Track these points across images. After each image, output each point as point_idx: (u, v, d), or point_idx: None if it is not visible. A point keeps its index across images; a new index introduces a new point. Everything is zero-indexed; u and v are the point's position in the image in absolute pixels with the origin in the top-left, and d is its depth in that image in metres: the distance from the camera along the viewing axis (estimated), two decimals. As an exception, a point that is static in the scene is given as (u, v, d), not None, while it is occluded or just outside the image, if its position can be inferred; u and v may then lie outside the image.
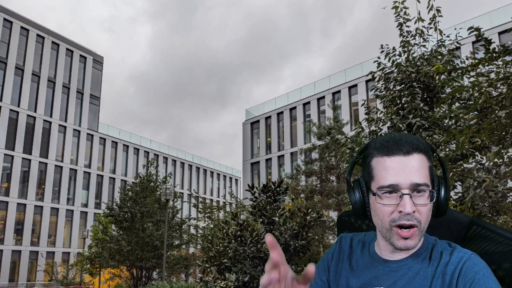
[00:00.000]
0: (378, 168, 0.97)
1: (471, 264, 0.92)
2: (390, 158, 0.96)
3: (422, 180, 0.94)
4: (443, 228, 1.11)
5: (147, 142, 51.55)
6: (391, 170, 0.95)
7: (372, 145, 1.00)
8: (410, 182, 0.93)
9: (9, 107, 36.89)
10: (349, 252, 1.10)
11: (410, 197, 0.93)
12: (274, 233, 8.68)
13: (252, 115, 39.99)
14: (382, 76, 7.74)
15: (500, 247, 1.03)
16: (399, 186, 0.94)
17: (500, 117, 4.06)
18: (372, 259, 1.04)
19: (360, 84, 32.17)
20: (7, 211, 36.06)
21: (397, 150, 0.95)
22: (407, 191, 0.93)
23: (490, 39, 4.35)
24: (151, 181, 23.79)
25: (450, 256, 0.95)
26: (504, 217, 6.36)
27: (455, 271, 0.92)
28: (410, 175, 0.93)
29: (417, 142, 0.96)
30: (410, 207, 0.92)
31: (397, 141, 0.97)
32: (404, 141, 0.96)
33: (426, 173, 0.95)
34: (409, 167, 0.94)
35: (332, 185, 18.57)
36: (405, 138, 0.97)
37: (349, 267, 1.08)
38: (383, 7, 7.72)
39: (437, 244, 1.00)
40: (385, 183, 0.95)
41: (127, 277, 23.01)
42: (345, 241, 1.13)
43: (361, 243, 1.10)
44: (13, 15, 38.40)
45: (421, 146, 0.96)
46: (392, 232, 0.95)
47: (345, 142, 7.67)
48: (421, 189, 0.94)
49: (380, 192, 0.96)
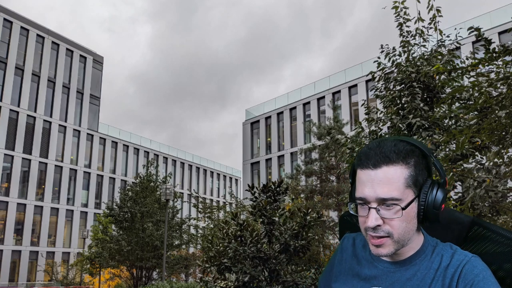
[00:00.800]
0: (357, 179, 0.99)
1: (471, 267, 0.92)
2: (362, 171, 0.96)
3: (389, 194, 0.92)
4: (444, 229, 1.11)
5: (147, 142, 51.57)
6: (361, 183, 0.96)
7: (357, 154, 1.02)
8: (376, 196, 0.93)
9: (9, 107, 36.89)
10: (351, 251, 1.12)
11: (377, 210, 0.94)
12: (274, 233, 8.69)
13: (252, 115, 39.99)
14: (382, 76, 7.73)
15: (501, 247, 1.03)
16: (366, 199, 0.95)
17: (500, 117, 4.06)
18: (372, 260, 1.05)
19: (360, 84, 32.17)
20: (7, 211, 36.05)
21: (366, 163, 0.95)
22: (374, 204, 0.94)
23: (490, 39, 4.35)
24: (151, 181, 23.79)
25: (451, 259, 0.96)
26: (504, 217, 6.36)
27: (455, 274, 0.93)
28: (376, 189, 0.93)
29: (389, 153, 0.94)
30: (373, 221, 0.93)
31: (368, 153, 0.96)
32: (374, 153, 0.95)
33: (399, 185, 0.93)
34: (376, 181, 0.93)
35: (332, 185, 18.56)
36: (377, 150, 0.96)
37: (351, 267, 1.09)
38: (383, 7, 7.72)
39: (438, 247, 1.01)
40: (357, 195, 0.97)
41: (127, 277, 23.01)
42: (348, 241, 1.15)
43: (363, 243, 1.11)
44: (13, 15, 38.40)
45: (393, 157, 0.94)
46: (367, 238, 0.98)
47: (345, 142, 7.67)
48: (388, 203, 0.93)
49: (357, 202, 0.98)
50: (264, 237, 8.73)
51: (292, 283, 8.21)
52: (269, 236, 8.72)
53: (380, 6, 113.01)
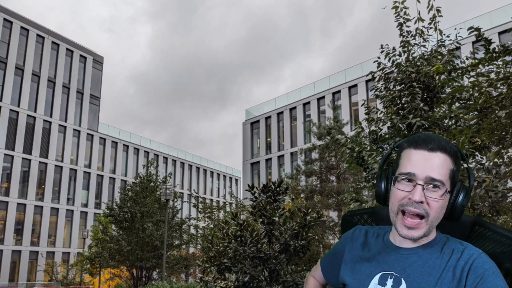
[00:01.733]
0: (404, 158, 1.06)
1: (481, 262, 0.96)
2: (416, 151, 1.04)
3: (438, 176, 1.00)
4: (446, 228, 1.12)
5: (147, 142, 51.57)
6: (413, 161, 1.03)
7: (407, 139, 1.09)
8: (426, 175, 1.00)
9: (9, 107, 36.89)
10: (364, 240, 1.16)
11: (423, 188, 1.00)
12: (274, 233, 8.69)
13: (252, 115, 39.99)
14: (382, 76, 7.73)
15: (502, 247, 1.05)
16: (415, 176, 1.01)
17: (500, 117, 4.06)
18: (385, 246, 1.09)
19: (360, 84, 32.17)
20: (7, 211, 36.05)
21: (424, 145, 1.03)
22: (421, 182, 1.00)
23: (490, 39, 4.35)
24: (151, 181, 23.79)
25: (462, 253, 1.00)
26: (504, 217, 6.36)
27: (465, 266, 0.97)
28: (428, 169, 1.00)
29: (445, 143, 1.03)
30: (419, 196, 0.99)
31: (426, 138, 1.05)
32: (433, 139, 1.04)
33: (445, 172, 1.01)
34: (429, 162, 1.01)
35: (332, 185, 18.56)
36: (435, 138, 1.05)
37: (362, 254, 1.13)
38: (383, 7, 7.72)
39: (449, 242, 1.05)
40: (405, 170, 1.03)
41: (127, 277, 23.01)
42: (360, 231, 1.19)
43: (376, 234, 1.15)
44: (13, 15, 38.40)
45: (448, 148, 1.03)
46: (398, 217, 1.02)
47: (345, 142, 7.67)
48: (436, 184, 1.00)
49: (399, 178, 1.03)
50: (264, 237, 8.73)
51: (292, 283, 8.21)
52: (269, 236, 8.72)
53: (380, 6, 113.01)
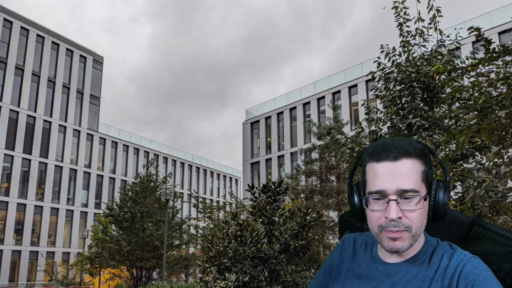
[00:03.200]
0: (369, 174, 0.98)
1: (472, 267, 0.92)
2: (379, 164, 0.96)
3: (409, 186, 0.93)
4: (444, 229, 1.11)
5: (147, 142, 51.56)
6: (379, 176, 0.95)
7: (366, 150, 1.01)
8: (397, 188, 0.93)
9: (9, 107, 36.88)
10: (352, 252, 1.11)
11: (397, 203, 0.93)
12: (274, 233, 8.69)
13: (252, 115, 39.99)
14: (382, 76, 7.74)
15: (501, 247, 1.03)
16: (385, 192, 0.94)
17: (500, 117, 4.06)
18: (373, 261, 1.05)
19: (360, 84, 32.17)
20: (7, 211, 36.05)
21: (385, 156, 0.96)
22: (394, 196, 0.93)
23: (490, 39, 4.35)
24: (151, 181, 23.79)
25: (450, 259, 0.95)
26: (504, 217, 6.36)
27: (455, 274, 0.92)
28: (397, 181, 0.94)
29: (407, 146, 0.96)
30: (395, 213, 0.93)
31: (386, 147, 0.97)
32: (393, 146, 0.96)
33: (416, 178, 0.95)
34: (396, 172, 0.94)
35: (332, 185, 18.56)
36: (395, 143, 0.97)
37: (350, 269, 1.09)
38: (383, 7, 7.73)
39: (438, 247, 1.00)
40: (373, 188, 0.96)
41: (127, 277, 23.01)
42: (348, 242, 1.14)
43: (364, 244, 1.11)
44: (13, 15, 38.40)
45: (412, 151, 0.96)
46: (381, 236, 0.96)
47: (345, 142, 7.67)
48: (408, 195, 0.93)
49: (370, 197, 0.97)
50: (264, 237, 8.73)
51: (292, 283, 8.21)
52: (269, 236, 8.72)
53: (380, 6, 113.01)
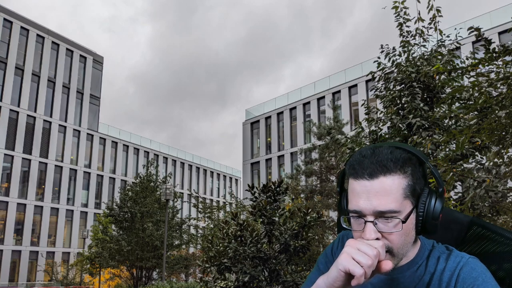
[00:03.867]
0: (349, 189, 0.92)
1: (469, 269, 0.89)
2: (357, 181, 0.89)
3: (387, 206, 0.86)
4: (443, 229, 1.10)
5: (147, 142, 51.57)
6: (356, 194, 0.89)
7: (348, 162, 0.94)
8: (373, 209, 0.86)
9: (9, 107, 36.88)
10: None
11: (374, 224, 0.87)
12: (274, 233, 8.69)
13: (252, 115, 39.98)
14: (382, 76, 7.74)
15: (500, 247, 1.02)
16: (362, 212, 0.88)
17: (500, 117, 4.06)
18: None
19: (360, 84, 32.17)
20: (7, 211, 36.05)
21: (362, 173, 0.88)
22: (371, 218, 0.87)
23: (490, 39, 4.35)
24: (151, 181, 23.80)
25: (447, 262, 0.93)
26: (504, 217, 6.36)
27: (452, 278, 0.90)
28: (373, 201, 0.86)
29: (386, 162, 0.88)
30: (372, 235, 0.86)
31: (363, 163, 0.89)
32: (370, 162, 0.88)
33: (396, 196, 0.87)
34: (372, 192, 0.87)
35: (332, 185, 18.56)
36: (374, 157, 0.89)
37: None
38: (383, 7, 7.73)
39: (434, 249, 0.97)
40: (351, 207, 0.90)
41: (127, 277, 23.01)
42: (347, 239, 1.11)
43: None
44: (13, 15, 38.40)
45: (391, 166, 0.87)
46: None
47: (345, 142, 7.67)
48: (386, 216, 0.86)
49: (350, 215, 0.91)
50: (264, 237, 8.73)
51: (292, 283, 8.21)
52: (269, 236, 8.72)
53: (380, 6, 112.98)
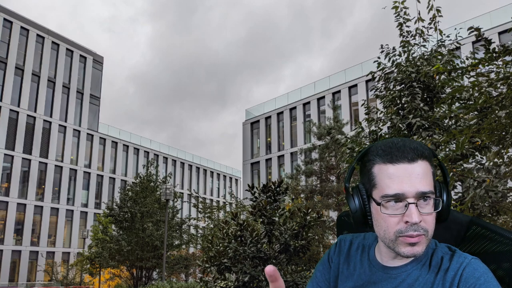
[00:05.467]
0: (381, 176, 0.93)
1: (472, 270, 0.90)
2: (394, 165, 0.91)
3: (427, 188, 0.90)
4: (443, 228, 1.10)
5: (147, 142, 51.57)
6: (396, 178, 0.91)
7: (374, 151, 0.96)
8: (416, 190, 0.90)
9: (9, 107, 36.89)
10: (347, 255, 1.09)
11: (416, 206, 0.90)
12: (274, 233, 8.69)
13: (252, 115, 39.99)
14: (382, 76, 7.74)
15: (500, 246, 1.02)
16: (404, 195, 0.90)
17: (500, 117, 4.06)
18: (371, 265, 1.02)
19: (360, 84, 32.17)
20: (7, 211, 36.06)
21: (402, 157, 0.91)
22: (413, 200, 0.90)
23: (490, 39, 4.35)
24: (151, 181, 23.80)
25: (450, 262, 0.93)
26: (504, 217, 6.36)
27: (455, 277, 0.90)
28: (416, 183, 0.90)
29: (421, 148, 0.93)
30: (417, 216, 0.89)
31: (401, 148, 0.93)
32: (409, 147, 0.92)
33: (431, 180, 0.92)
34: (414, 175, 0.90)
35: (332, 185, 18.57)
36: (409, 144, 0.93)
37: (347, 272, 1.06)
38: (383, 7, 7.73)
39: (437, 249, 0.98)
40: (390, 192, 0.91)
41: (127, 277, 23.02)
42: (344, 244, 1.11)
43: (361, 247, 1.08)
44: (13, 15, 38.40)
45: (426, 153, 0.93)
46: (397, 242, 0.92)
47: (345, 142, 7.67)
48: (426, 197, 0.90)
49: (385, 201, 0.92)
50: (264, 237, 8.73)
51: (292, 283, 8.21)
52: (269, 236, 8.72)
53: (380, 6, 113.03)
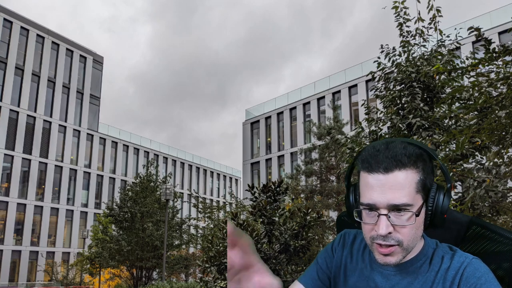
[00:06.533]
0: (362, 183, 0.93)
1: (473, 269, 0.90)
2: (370, 175, 0.91)
3: (401, 200, 0.88)
4: (442, 228, 1.09)
5: (147, 142, 51.57)
6: (370, 188, 0.90)
7: (360, 155, 0.95)
8: (387, 202, 0.88)
9: (9, 107, 36.89)
10: (351, 250, 1.09)
11: (388, 217, 0.89)
12: (274, 233, 8.69)
13: (252, 115, 39.99)
14: (382, 76, 7.74)
15: (500, 246, 1.02)
16: (375, 205, 0.89)
17: (500, 117, 4.06)
18: (372, 262, 1.03)
19: (360, 84, 32.18)
20: (7, 211, 36.06)
21: (376, 166, 0.90)
22: (385, 211, 0.89)
23: (490, 39, 4.35)
24: (151, 181, 23.80)
25: (451, 261, 0.93)
26: (504, 217, 6.36)
27: (456, 276, 0.91)
28: (388, 195, 0.88)
29: (400, 157, 0.89)
30: (384, 229, 0.88)
31: (376, 156, 0.90)
32: (385, 156, 0.90)
33: (410, 190, 0.89)
34: (387, 186, 0.88)
35: (332, 185, 18.56)
36: (387, 153, 0.90)
37: (351, 266, 1.07)
38: (383, 7, 7.73)
39: (438, 249, 0.98)
40: (364, 200, 0.91)
41: (127, 277, 23.01)
42: (348, 237, 1.11)
43: (363, 243, 1.08)
44: (13, 15, 38.40)
45: (405, 161, 0.89)
46: (373, 247, 0.94)
47: (345, 142, 7.67)
48: (400, 209, 0.88)
49: (362, 207, 0.93)
50: (264, 237, 8.73)
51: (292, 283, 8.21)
52: (269, 236, 8.72)
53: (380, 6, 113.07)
